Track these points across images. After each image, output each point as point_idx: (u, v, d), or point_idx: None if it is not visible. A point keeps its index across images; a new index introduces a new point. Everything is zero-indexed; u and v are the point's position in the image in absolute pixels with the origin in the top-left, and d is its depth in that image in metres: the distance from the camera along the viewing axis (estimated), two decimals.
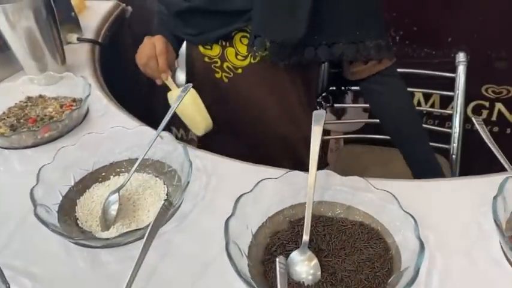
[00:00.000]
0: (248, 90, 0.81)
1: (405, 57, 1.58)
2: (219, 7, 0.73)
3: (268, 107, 0.83)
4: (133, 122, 0.71)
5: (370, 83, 0.82)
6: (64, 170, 0.58)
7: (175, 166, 0.60)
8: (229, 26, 0.75)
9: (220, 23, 0.75)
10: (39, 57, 0.79)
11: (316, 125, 0.54)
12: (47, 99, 0.76)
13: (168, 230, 0.51)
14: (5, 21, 0.74)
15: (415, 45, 1.55)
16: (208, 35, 0.77)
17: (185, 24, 0.79)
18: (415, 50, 1.56)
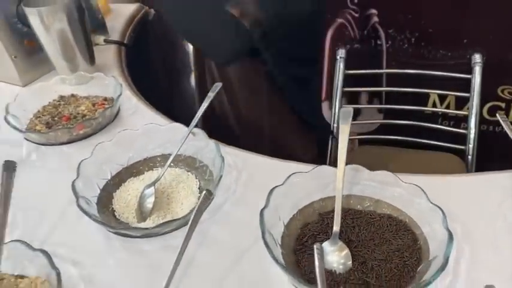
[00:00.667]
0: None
1: (420, 58, 1.59)
2: None
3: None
4: (162, 120, 0.74)
5: None
6: (101, 165, 0.61)
7: (206, 161, 0.62)
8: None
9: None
10: (71, 57, 0.82)
11: (344, 123, 0.57)
12: (78, 98, 0.79)
13: (203, 221, 0.54)
14: (40, 23, 0.78)
15: (430, 47, 1.56)
16: None
17: None
18: (430, 52, 1.57)
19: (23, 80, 0.86)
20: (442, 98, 1.61)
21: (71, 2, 0.78)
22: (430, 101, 1.65)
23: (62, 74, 0.84)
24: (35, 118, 0.74)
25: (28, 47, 0.85)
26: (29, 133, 0.69)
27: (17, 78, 0.85)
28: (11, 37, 0.83)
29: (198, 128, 0.63)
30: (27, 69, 0.86)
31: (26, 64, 0.85)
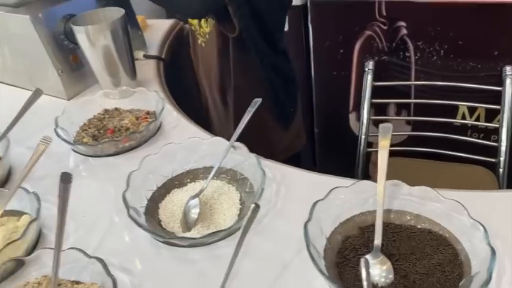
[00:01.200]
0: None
1: (450, 70, 1.59)
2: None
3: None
4: (202, 133, 0.77)
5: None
6: (148, 176, 0.64)
7: (247, 174, 0.64)
8: None
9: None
10: (114, 73, 0.86)
11: (384, 138, 0.58)
12: (122, 112, 0.83)
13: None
14: (87, 40, 0.82)
15: (460, 59, 1.56)
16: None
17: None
18: (460, 64, 1.57)
19: (68, 93, 0.90)
20: (472, 110, 1.61)
21: (116, 21, 0.82)
22: (459, 113, 1.65)
23: (105, 88, 0.88)
24: (81, 131, 0.78)
25: (73, 62, 0.90)
26: (78, 145, 0.72)
27: (62, 92, 0.89)
28: (58, 53, 0.87)
29: (238, 142, 0.65)
30: (71, 83, 0.90)
31: (70, 78, 0.90)
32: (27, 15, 0.83)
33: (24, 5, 0.88)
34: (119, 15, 0.83)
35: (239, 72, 0.95)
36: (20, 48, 0.90)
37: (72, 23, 0.82)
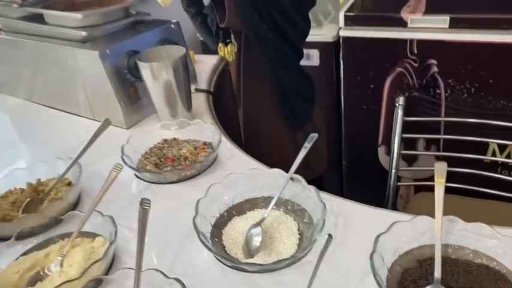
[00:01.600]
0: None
1: (480, 108, 1.62)
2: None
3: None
4: (255, 163, 0.82)
5: None
6: (212, 204, 0.68)
7: (304, 205, 0.68)
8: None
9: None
10: (173, 105, 0.92)
11: (440, 176, 0.62)
12: (179, 142, 0.88)
13: (310, 261, 0.60)
14: (150, 75, 0.89)
15: (490, 97, 1.59)
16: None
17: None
18: (490, 102, 1.61)
19: (127, 123, 0.97)
20: (502, 147, 1.63)
21: (178, 59, 0.88)
22: (489, 149, 1.67)
23: (163, 118, 0.94)
24: (143, 159, 0.84)
25: (133, 94, 0.97)
26: (145, 172, 0.78)
27: (122, 121, 0.95)
28: (120, 86, 0.94)
29: (296, 174, 0.70)
30: (131, 113, 0.97)
31: (130, 109, 0.97)
32: (96, 51, 0.90)
33: (90, 41, 0.96)
34: (180, 53, 0.90)
35: (248, 83, 1.05)
36: (85, 80, 0.97)
37: (138, 58, 0.89)
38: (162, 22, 1.04)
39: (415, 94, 1.74)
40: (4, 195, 0.78)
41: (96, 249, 0.64)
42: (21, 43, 1.07)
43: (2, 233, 0.69)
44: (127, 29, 1.02)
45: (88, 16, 0.96)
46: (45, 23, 1.03)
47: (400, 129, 1.61)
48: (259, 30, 0.98)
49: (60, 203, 0.72)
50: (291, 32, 1.03)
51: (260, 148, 1.13)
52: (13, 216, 0.73)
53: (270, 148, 1.16)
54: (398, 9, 1.63)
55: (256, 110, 1.15)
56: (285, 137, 1.16)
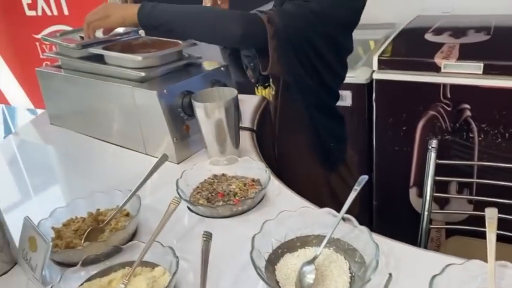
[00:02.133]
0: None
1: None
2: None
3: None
4: (303, 202, 0.85)
5: None
6: (266, 239, 0.71)
7: (355, 245, 0.71)
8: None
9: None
10: (222, 142, 0.97)
11: (491, 222, 0.64)
12: (228, 178, 0.93)
13: None
14: (203, 114, 0.95)
15: None
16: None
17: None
18: None
19: (178, 158, 1.02)
20: None
21: (230, 100, 0.94)
22: None
23: (212, 154, 0.99)
24: (195, 193, 0.88)
25: (185, 132, 1.03)
26: (199, 206, 0.82)
27: (174, 156, 1.01)
28: (174, 123, 1.00)
29: (347, 214, 0.72)
30: (182, 149, 1.02)
31: (181, 145, 1.02)
32: (155, 91, 0.97)
33: (147, 81, 1.04)
34: (232, 94, 0.96)
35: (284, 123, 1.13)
36: (141, 117, 1.03)
37: (193, 98, 0.95)
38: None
39: (448, 137, 1.76)
40: (66, 223, 0.83)
41: (157, 279, 0.68)
42: (80, 80, 1.15)
43: (68, 259, 0.74)
44: (180, 70, 1.10)
45: (147, 58, 1.03)
46: (104, 63, 1.11)
47: (433, 172, 1.62)
48: (298, 76, 1.03)
49: (122, 233, 0.76)
50: (329, 77, 1.07)
51: (294, 188, 1.16)
52: (76, 243, 0.77)
53: (303, 188, 1.18)
54: (431, 54, 1.68)
55: (291, 150, 1.18)
56: (319, 178, 1.18)
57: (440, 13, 2.21)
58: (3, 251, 0.75)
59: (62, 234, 0.79)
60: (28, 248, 0.73)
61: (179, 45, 1.10)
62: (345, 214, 0.72)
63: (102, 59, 1.12)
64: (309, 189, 1.17)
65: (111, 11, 0.98)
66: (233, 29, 0.92)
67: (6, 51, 2.16)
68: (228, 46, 1.07)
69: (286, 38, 0.94)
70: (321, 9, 0.95)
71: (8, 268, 0.76)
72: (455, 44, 1.75)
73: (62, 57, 1.22)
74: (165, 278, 0.68)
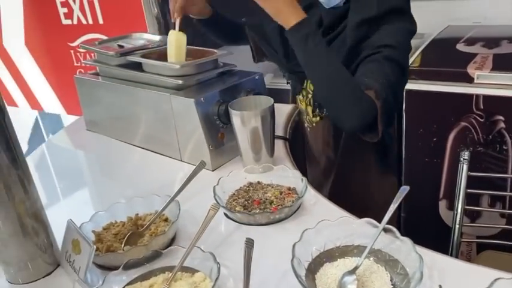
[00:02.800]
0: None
1: None
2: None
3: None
4: (341, 211, 0.84)
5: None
6: (305, 248, 0.71)
7: (396, 256, 0.70)
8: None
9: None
10: (257, 150, 0.98)
11: None
12: (264, 186, 0.93)
13: None
14: (240, 122, 0.96)
15: None
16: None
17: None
18: None
19: (213, 165, 1.03)
20: None
21: (266, 108, 0.95)
22: None
23: (247, 162, 1.00)
24: (232, 200, 0.89)
25: (220, 139, 1.04)
26: (236, 213, 0.82)
27: (209, 163, 1.02)
28: (210, 131, 1.02)
29: (389, 225, 0.72)
30: (216, 157, 1.04)
31: (216, 153, 1.03)
32: (192, 99, 0.99)
33: (184, 89, 1.05)
34: (269, 103, 0.97)
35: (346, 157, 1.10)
36: (178, 124, 1.05)
37: (230, 106, 0.96)
38: (248, 74, 1.13)
39: (480, 149, 1.72)
40: (106, 227, 0.84)
41: (198, 284, 0.68)
42: (118, 87, 1.18)
43: (109, 262, 0.75)
44: (215, 78, 1.11)
45: (185, 66, 1.05)
46: (142, 71, 1.14)
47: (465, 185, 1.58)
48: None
49: (162, 238, 0.77)
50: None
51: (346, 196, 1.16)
52: (116, 247, 0.79)
53: (354, 196, 1.18)
54: (463, 64, 1.66)
55: (354, 170, 1.19)
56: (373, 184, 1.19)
57: (471, 23, 2.18)
58: (47, 252, 0.77)
59: (102, 238, 0.81)
60: (71, 251, 0.75)
61: (215, 54, 1.12)
62: (386, 225, 0.72)
63: (139, 66, 1.15)
64: (361, 197, 1.17)
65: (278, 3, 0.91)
66: (350, 119, 0.93)
67: (41, 58, 2.23)
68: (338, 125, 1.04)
69: (389, 108, 0.95)
70: (402, 57, 0.96)
71: (51, 269, 0.78)
72: (488, 55, 1.72)
73: (100, 65, 1.25)
74: (206, 284, 0.68)
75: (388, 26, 0.96)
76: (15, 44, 2.27)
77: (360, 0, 0.98)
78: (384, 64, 0.92)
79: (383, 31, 0.95)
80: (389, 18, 0.96)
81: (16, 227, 0.72)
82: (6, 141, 0.70)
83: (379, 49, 0.93)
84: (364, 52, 0.95)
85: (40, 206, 0.77)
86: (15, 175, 0.72)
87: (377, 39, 0.95)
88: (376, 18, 0.95)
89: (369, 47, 0.95)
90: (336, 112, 0.96)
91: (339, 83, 0.92)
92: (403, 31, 0.97)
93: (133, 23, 1.75)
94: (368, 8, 0.96)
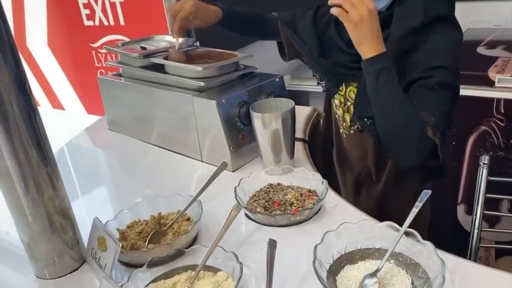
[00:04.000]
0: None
1: None
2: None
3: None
4: (362, 215, 0.85)
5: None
6: (326, 250, 0.72)
7: (418, 260, 0.70)
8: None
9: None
10: (278, 152, 0.99)
11: None
12: (284, 187, 0.94)
13: None
14: (261, 124, 0.97)
15: None
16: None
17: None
18: None
19: (233, 166, 1.05)
20: None
21: (288, 111, 0.96)
22: None
23: (267, 163, 1.01)
24: (253, 201, 0.90)
25: (240, 141, 1.05)
26: (258, 214, 0.84)
27: (230, 164, 1.03)
28: (231, 133, 1.03)
29: (410, 229, 0.72)
30: (237, 158, 1.05)
31: (237, 154, 1.05)
32: (214, 101, 1.00)
33: (206, 91, 1.07)
34: (290, 105, 0.98)
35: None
36: (199, 125, 1.07)
37: (251, 108, 0.98)
38: (268, 76, 1.14)
39: (500, 153, 1.70)
40: (130, 225, 0.86)
41: (221, 283, 0.70)
42: (141, 88, 1.20)
43: (133, 259, 0.77)
44: (236, 80, 1.13)
45: (207, 69, 1.07)
46: (165, 72, 1.16)
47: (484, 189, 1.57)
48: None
49: (185, 237, 0.79)
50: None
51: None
52: (140, 245, 0.81)
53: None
54: (484, 68, 1.64)
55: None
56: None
57: (492, 26, 2.16)
58: (74, 248, 0.79)
59: (126, 236, 0.83)
60: (97, 248, 0.77)
61: (236, 56, 1.13)
62: (407, 229, 0.72)
63: (162, 68, 1.17)
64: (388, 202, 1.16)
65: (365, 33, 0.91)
66: (407, 159, 0.95)
67: (63, 58, 2.28)
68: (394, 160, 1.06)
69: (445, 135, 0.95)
70: (455, 79, 0.94)
71: (77, 265, 0.80)
72: (509, 58, 1.71)
73: (123, 66, 1.28)
74: (229, 283, 0.70)
75: (436, 36, 0.92)
76: (38, 44, 2.33)
77: (405, 5, 0.93)
78: (438, 92, 0.90)
79: (431, 44, 0.92)
80: (436, 28, 0.92)
81: (45, 224, 0.75)
82: (37, 140, 0.73)
83: (430, 72, 0.90)
84: (416, 73, 0.92)
85: (68, 203, 0.79)
86: (45, 173, 0.74)
87: (426, 56, 0.92)
88: (423, 28, 0.92)
89: (419, 64, 0.92)
90: (395, 150, 0.97)
91: (401, 124, 0.92)
92: (453, 43, 0.93)
93: (154, 24, 1.78)
94: (414, 15, 0.92)
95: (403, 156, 0.95)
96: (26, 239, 0.76)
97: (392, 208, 1.14)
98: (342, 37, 1.03)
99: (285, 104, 1.00)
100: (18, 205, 0.73)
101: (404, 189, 1.13)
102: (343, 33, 1.00)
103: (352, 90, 1.06)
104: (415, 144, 0.92)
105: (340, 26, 1.00)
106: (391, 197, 1.14)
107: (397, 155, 0.97)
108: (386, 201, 1.15)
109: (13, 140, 0.70)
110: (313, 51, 1.10)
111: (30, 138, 0.72)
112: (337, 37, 1.05)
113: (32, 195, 0.73)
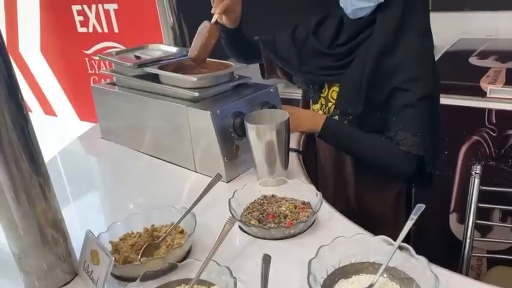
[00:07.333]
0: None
1: None
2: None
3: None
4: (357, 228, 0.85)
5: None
6: (321, 264, 0.72)
7: (411, 275, 0.70)
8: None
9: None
10: (272, 163, 0.99)
11: None
12: (278, 199, 0.94)
13: None
14: (255, 135, 0.97)
15: None
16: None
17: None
18: None
19: (227, 177, 1.04)
20: None
21: (282, 122, 0.96)
22: None
23: (261, 175, 1.01)
24: (247, 213, 0.90)
25: (234, 151, 1.05)
26: (252, 227, 0.83)
27: (224, 175, 1.03)
28: (225, 143, 1.03)
29: (404, 243, 0.72)
30: (231, 169, 1.05)
31: (231, 165, 1.04)
32: (208, 111, 1.00)
33: (201, 101, 1.07)
34: (284, 117, 0.98)
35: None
36: (193, 135, 1.07)
37: (246, 120, 0.98)
38: (263, 86, 1.14)
39: (492, 163, 1.72)
40: (123, 237, 0.86)
41: None
42: (135, 98, 1.20)
43: (127, 273, 0.76)
44: (231, 91, 1.13)
45: (201, 79, 1.07)
46: (159, 82, 1.15)
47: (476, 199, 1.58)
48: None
49: (179, 250, 0.78)
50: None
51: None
52: (133, 258, 0.80)
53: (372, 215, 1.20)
54: (476, 78, 1.66)
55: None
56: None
57: (484, 36, 2.18)
58: (66, 261, 0.78)
59: (119, 249, 0.82)
60: (90, 261, 0.76)
61: (231, 66, 1.13)
62: (401, 243, 0.72)
63: (156, 78, 1.16)
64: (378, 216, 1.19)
65: (302, 121, 1.12)
66: (404, 171, 1.10)
67: (56, 65, 2.27)
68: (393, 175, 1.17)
69: (435, 145, 1.10)
70: (431, 87, 1.05)
71: (69, 279, 0.79)
72: (501, 69, 1.72)
73: (117, 75, 1.27)
74: None
75: (409, 45, 1.04)
76: (31, 50, 2.31)
77: (386, 13, 1.04)
78: (418, 107, 1.02)
79: (405, 52, 1.04)
80: (410, 38, 1.05)
81: (37, 237, 0.74)
82: (29, 151, 0.72)
83: (408, 85, 1.02)
84: (395, 80, 1.03)
85: (60, 215, 0.78)
86: (37, 185, 0.73)
87: (402, 63, 1.03)
88: (397, 37, 1.04)
89: (395, 73, 1.03)
90: (387, 173, 1.12)
91: (381, 158, 1.10)
92: (424, 51, 1.06)
93: (149, 32, 1.78)
94: (390, 24, 1.05)
95: (391, 175, 1.14)
96: (17, 252, 0.75)
97: (373, 210, 1.20)
98: (322, 42, 1.16)
99: (279, 116, 1.00)
100: (9, 218, 0.72)
101: (385, 192, 1.20)
102: (322, 39, 1.16)
103: (334, 91, 1.14)
104: (403, 167, 1.08)
105: (319, 35, 1.18)
106: (371, 199, 1.20)
107: (388, 174, 1.11)
108: (366, 201, 1.19)
109: (5, 151, 0.69)
110: (294, 65, 1.20)
111: (22, 149, 0.71)
112: (317, 44, 1.17)
113: (23, 208, 0.72)
